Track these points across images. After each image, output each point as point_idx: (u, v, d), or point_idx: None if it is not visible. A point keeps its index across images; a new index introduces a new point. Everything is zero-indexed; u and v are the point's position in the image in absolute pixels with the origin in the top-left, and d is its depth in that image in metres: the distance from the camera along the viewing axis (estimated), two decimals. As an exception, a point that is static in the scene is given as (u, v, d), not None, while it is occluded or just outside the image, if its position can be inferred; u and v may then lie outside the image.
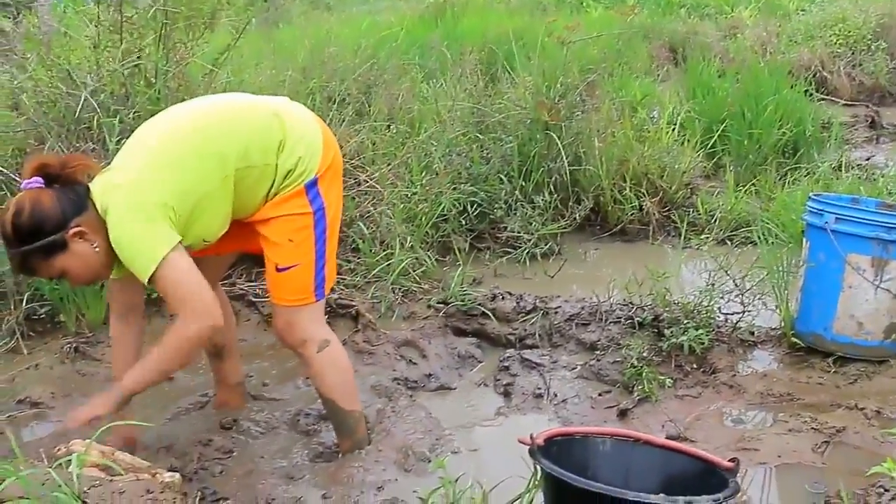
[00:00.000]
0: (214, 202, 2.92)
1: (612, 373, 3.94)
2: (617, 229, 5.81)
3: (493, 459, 3.33)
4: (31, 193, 2.74)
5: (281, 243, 3.04)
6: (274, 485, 3.19)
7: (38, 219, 2.73)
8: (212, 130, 2.94)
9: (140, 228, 2.79)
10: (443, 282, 4.80)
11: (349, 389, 3.33)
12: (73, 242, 2.78)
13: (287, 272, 3.05)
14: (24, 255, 2.78)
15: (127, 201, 2.80)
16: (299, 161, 2.98)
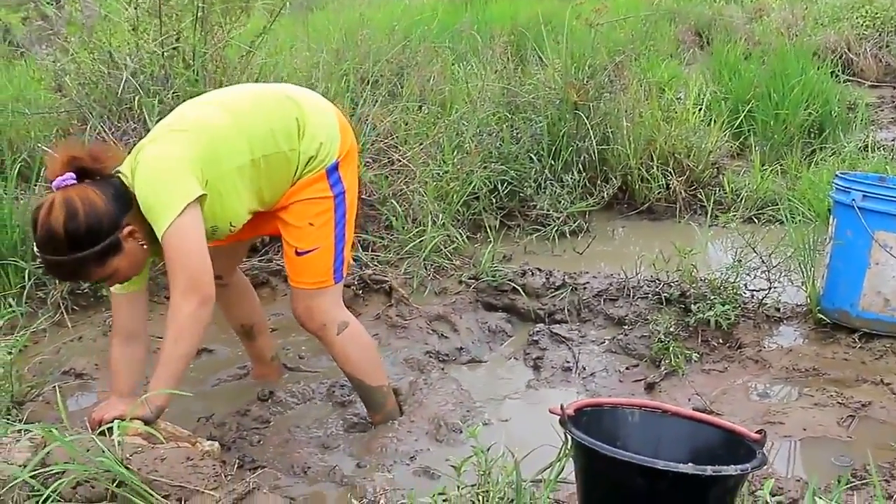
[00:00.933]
0: (243, 183, 2.90)
1: (640, 347, 4.00)
2: (644, 208, 5.87)
3: (523, 430, 3.40)
4: (78, 192, 2.60)
5: (301, 227, 3.05)
6: (309, 453, 3.27)
7: (95, 221, 2.60)
8: (242, 112, 2.95)
9: (165, 177, 2.72)
10: (474, 258, 4.87)
11: (374, 366, 3.37)
12: (126, 242, 2.70)
13: (307, 255, 3.06)
14: (80, 262, 2.63)
15: (154, 155, 2.76)
16: (321, 147, 3.00)
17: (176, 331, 2.74)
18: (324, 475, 3.14)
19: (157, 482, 2.30)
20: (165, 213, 2.67)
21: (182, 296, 2.73)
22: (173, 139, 2.81)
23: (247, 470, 3.10)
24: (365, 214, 5.02)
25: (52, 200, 2.57)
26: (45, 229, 2.56)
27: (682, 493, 1.92)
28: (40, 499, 2.25)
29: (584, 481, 2.12)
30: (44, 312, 4.03)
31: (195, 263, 2.74)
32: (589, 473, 2.10)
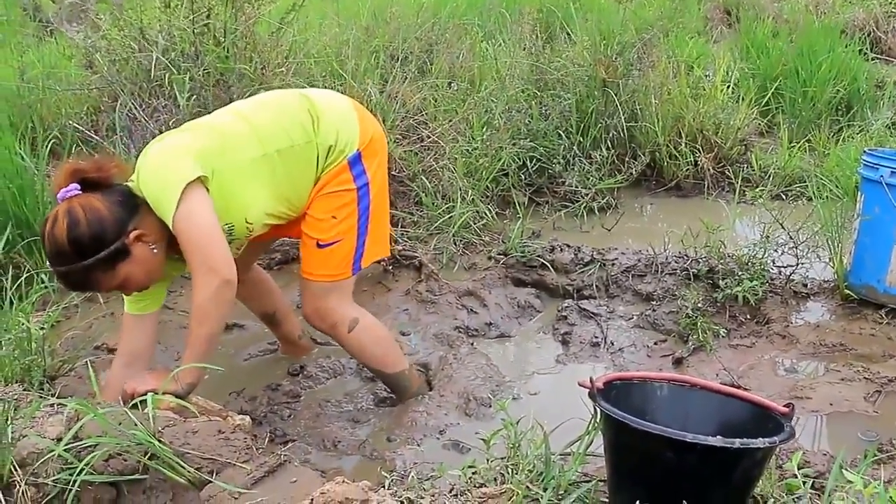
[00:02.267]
0: (259, 180, 2.90)
1: (668, 322, 4.01)
2: (672, 185, 5.87)
3: (551, 404, 3.40)
4: (80, 201, 2.62)
5: (324, 219, 3.03)
6: (340, 427, 3.30)
7: (97, 227, 2.61)
8: (249, 112, 2.98)
9: (164, 167, 2.74)
10: (503, 234, 4.88)
11: (391, 354, 3.38)
12: (134, 247, 2.70)
13: (328, 248, 3.05)
14: (86, 270, 2.63)
15: (156, 150, 2.80)
16: (338, 134, 2.99)
17: (199, 313, 2.76)
18: (354, 449, 3.17)
19: (189, 455, 2.33)
20: (169, 201, 2.67)
21: (202, 278, 2.74)
22: (176, 135, 2.87)
23: (277, 444, 3.13)
24: (395, 191, 5.04)
25: (56, 212, 2.61)
26: (51, 240, 2.60)
27: (711, 466, 1.93)
28: (73, 471, 2.29)
29: (613, 454, 2.13)
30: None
31: (207, 244, 2.74)
32: (618, 446, 2.11)
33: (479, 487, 2.20)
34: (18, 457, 2.40)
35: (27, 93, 5.26)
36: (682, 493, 1.92)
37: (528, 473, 2.19)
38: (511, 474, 2.21)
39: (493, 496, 2.14)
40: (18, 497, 2.38)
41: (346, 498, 2.06)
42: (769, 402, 2.16)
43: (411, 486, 2.23)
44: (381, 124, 4.83)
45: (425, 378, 3.67)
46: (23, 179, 4.19)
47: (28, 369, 3.06)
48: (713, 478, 1.95)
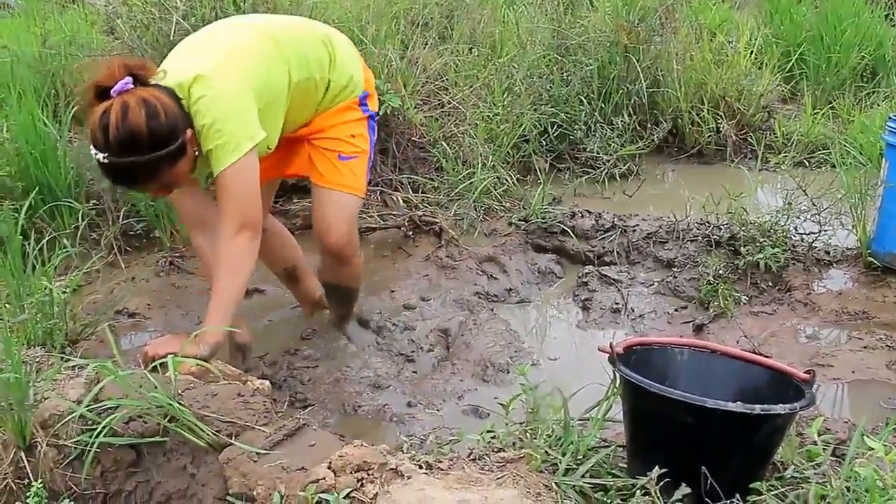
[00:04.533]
0: (279, 107, 2.94)
1: (689, 289, 4.00)
2: (694, 151, 5.83)
3: (571, 370, 3.41)
4: (150, 93, 2.57)
5: (343, 139, 3.17)
6: (359, 392, 3.32)
7: (173, 120, 2.60)
8: (281, 38, 2.97)
9: (236, 116, 2.74)
10: (523, 200, 4.86)
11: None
12: (188, 147, 2.69)
13: (350, 161, 3.17)
14: (157, 162, 2.60)
15: (225, 89, 2.74)
16: (350, 80, 3.15)
17: (230, 265, 2.79)
18: (374, 414, 3.20)
19: (209, 418, 2.33)
20: (233, 152, 2.71)
21: (236, 231, 2.77)
22: (235, 71, 2.80)
23: (297, 408, 3.16)
24: (415, 157, 5.04)
25: (126, 102, 2.52)
26: (126, 129, 2.51)
27: (731, 432, 1.92)
28: (94, 432, 2.30)
29: (632, 420, 2.13)
30: (97, 253, 4.07)
31: (252, 203, 2.80)
32: (637, 412, 2.10)
33: (497, 452, 2.20)
34: (40, 418, 2.43)
35: (49, 59, 5.24)
36: (702, 459, 1.90)
37: (547, 438, 2.19)
38: (530, 439, 2.20)
39: (511, 460, 2.14)
40: (40, 458, 2.40)
41: (364, 461, 2.06)
42: (790, 368, 2.14)
43: (430, 451, 2.23)
44: (403, 89, 4.85)
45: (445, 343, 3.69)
46: (45, 145, 4.20)
47: (50, 333, 3.07)
48: (733, 444, 1.94)
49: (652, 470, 1.93)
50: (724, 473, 1.92)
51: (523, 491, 1.98)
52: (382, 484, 2.01)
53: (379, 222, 4.61)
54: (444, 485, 2.01)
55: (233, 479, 2.18)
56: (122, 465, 2.39)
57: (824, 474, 2.03)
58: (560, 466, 2.08)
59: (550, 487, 2.03)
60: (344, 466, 2.05)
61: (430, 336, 3.75)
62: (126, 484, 2.41)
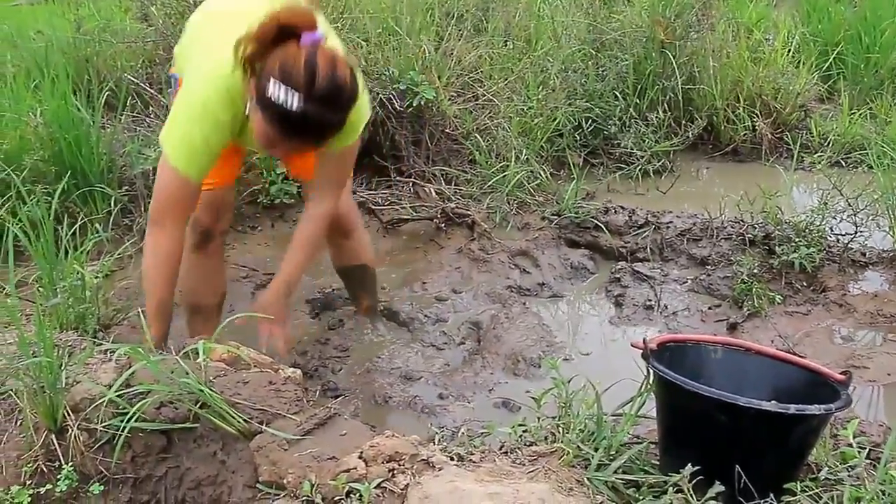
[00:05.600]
0: None
1: (723, 287, 3.96)
2: (729, 149, 5.74)
3: (604, 366, 3.40)
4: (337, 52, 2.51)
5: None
6: (390, 383, 3.33)
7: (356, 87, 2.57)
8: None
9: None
10: (557, 195, 4.82)
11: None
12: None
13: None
14: (342, 123, 2.55)
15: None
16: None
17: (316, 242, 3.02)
18: (404, 405, 3.21)
19: (240, 405, 2.33)
20: (357, 131, 2.81)
21: (329, 209, 2.95)
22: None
23: (328, 397, 3.16)
24: (449, 149, 5.04)
25: (334, 55, 2.44)
26: (334, 83, 2.42)
27: (765, 432, 1.90)
28: (125, 417, 2.30)
29: (665, 417, 2.11)
30: (129, 238, 4.10)
31: (347, 180, 3.06)
32: (670, 408, 2.09)
33: (529, 446, 2.18)
34: (71, 402, 2.44)
35: (83, 45, 5.27)
36: (735, 458, 1.88)
37: (580, 433, 2.17)
38: (562, 433, 2.19)
39: (543, 454, 2.12)
40: (71, 441, 2.41)
41: (396, 452, 2.06)
42: (825, 368, 2.11)
43: (461, 443, 2.22)
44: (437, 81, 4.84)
45: (476, 336, 3.67)
46: (78, 130, 4.21)
47: (82, 317, 3.08)
48: (767, 443, 1.92)
49: (684, 467, 1.91)
50: (757, 473, 1.90)
51: (555, 485, 1.97)
52: (414, 475, 2.01)
53: (411, 214, 4.60)
54: (476, 477, 2.00)
55: (263, 467, 2.18)
56: (152, 450, 2.39)
57: (858, 477, 2.00)
58: (592, 462, 2.06)
59: (582, 483, 2.01)
60: (375, 456, 2.05)
61: (461, 328, 3.76)
62: (156, 469, 2.41)
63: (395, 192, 4.85)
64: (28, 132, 4.24)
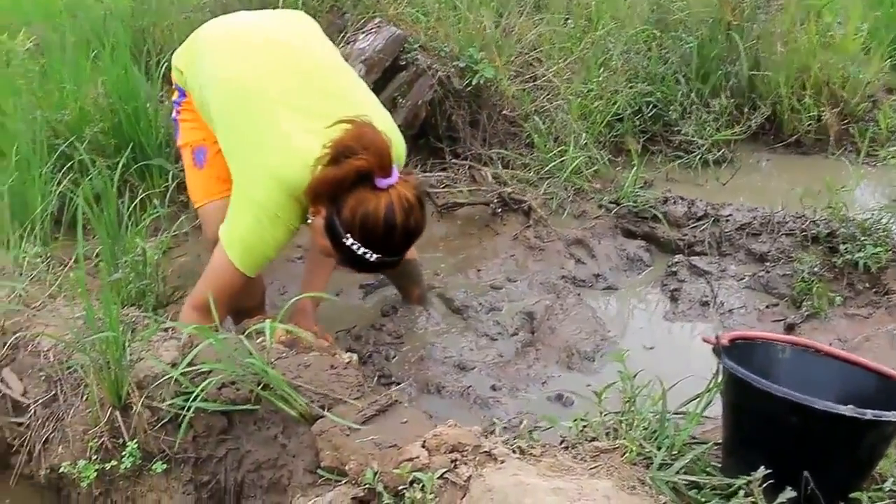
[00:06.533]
0: None
1: (781, 286, 3.87)
2: (792, 140, 5.57)
3: (659, 362, 3.34)
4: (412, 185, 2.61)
5: None
6: (444, 372, 3.34)
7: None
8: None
9: None
10: (615, 182, 4.77)
11: None
12: None
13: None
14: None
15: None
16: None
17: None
18: (457, 396, 3.21)
19: (301, 388, 2.34)
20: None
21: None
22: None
23: (383, 384, 3.18)
24: (506, 131, 5.00)
25: (409, 200, 2.51)
26: (408, 233, 2.55)
27: (836, 436, 1.86)
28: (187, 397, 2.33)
29: (732, 416, 2.07)
30: (185, 214, 4.10)
31: None
32: (738, 408, 2.05)
33: (590, 441, 2.17)
34: (135, 378, 2.46)
35: (142, 15, 5.28)
36: (803, 463, 1.85)
37: (644, 431, 2.15)
38: (625, 430, 2.17)
39: (605, 451, 2.11)
40: (135, 418, 2.44)
41: (459, 442, 2.05)
42: None
43: (522, 435, 2.20)
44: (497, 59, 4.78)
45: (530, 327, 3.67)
46: (137, 102, 4.22)
47: (143, 293, 3.12)
48: (837, 449, 1.88)
49: (748, 469, 1.89)
50: (824, 478, 1.87)
51: (618, 483, 1.95)
52: (476, 466, 2.00)
53: (467, 197, 4.56)
54: (538, 471, 1.99)
55: (325, 452, 2.19)
56: (213, 431, 2.43)
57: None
58: (655, 461, 2.05)
59: (644, 482, 2.00)
60: (438, 446, 2.05)
61: (514, 319, 3.74)
62: (217, 450, 2.46)
63: (450, 174, 4.79)
64: (88, 103, 4.25)
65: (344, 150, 2.44)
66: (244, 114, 2.70)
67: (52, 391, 2.58)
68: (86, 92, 4.29)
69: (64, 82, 4.33)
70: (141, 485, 2.50)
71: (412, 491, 1.96)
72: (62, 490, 2.55)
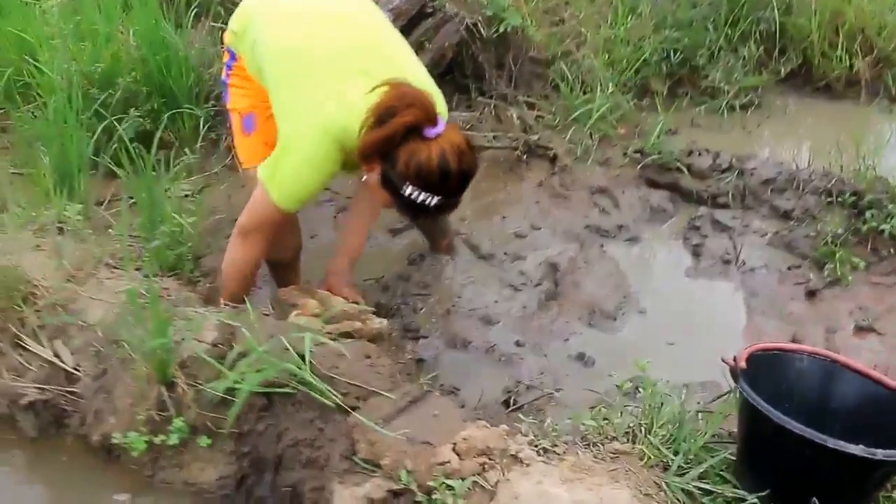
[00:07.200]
0: None
1: (804, 246, 3.90)
2: (822, 85, 5.54)
3: (679, 322, 3.47)
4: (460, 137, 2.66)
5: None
6: (470, 327, 3.42)
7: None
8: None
9: None
10: (639, 127, 4.78)
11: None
12: None
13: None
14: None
15: None
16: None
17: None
18: (482, 353, 3.30)
19: (336, 380, 2.45)
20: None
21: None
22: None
23: (410, 339, 3.29)
24: (532, 72, 5.00)
25: (459, 145, 2.58)
26: (463, 175, 2.60)
27: (847, 469, 1.96)
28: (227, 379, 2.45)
29: (748, 432, 2.18)
30: (215, 154, 4.22)
31: None
32: (753, 430, 2.15)
33: (610, 441, 2.29)
34: (179, 358, 2.58)
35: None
36: (811, 489, 1.96)
37: (661, 435, 2.26)
38: (643, 434, 2.28)
39: (624, 452, 2.23)
40: (180, 395, 2.57)
41: (487, 446, 2.18)
42: None
43: (546, 434, 2.32)
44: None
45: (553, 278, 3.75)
46: (168, 51, 4.25)
47: (179, 259, 3.23)
48: (847, 480, 2.00)
49: (758, 481, 2.04)
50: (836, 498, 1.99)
51: (635, 490, 2.08)
52: (503, 471, 2.13)
53: (492, 142, 4.57)
54: (560, 475, 2.12)
55: (360, 445, 2.30)
56: (253, 408, 2.53)
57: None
58: (672, 466, 2.17)
59: (660, 486, 2.12)
60: (468, 450, 2.18)
61: (539, 268, 3.82)
62: (257, 425, 2.55)
63: (475, 114, 4.81)
64: (121, 52, 4.29)
65: (387, 111, 2.52)
66: (297, 72, 2.78)
67: (102, 366, 2.70)
68: (118, 43, 4.34)
69: (97, 31, 4.36)
70: (187, 453, 2.61)
71: (443, 493, 2.09)
72: (113, 451, 2.66)
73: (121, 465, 2.68)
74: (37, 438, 2.77)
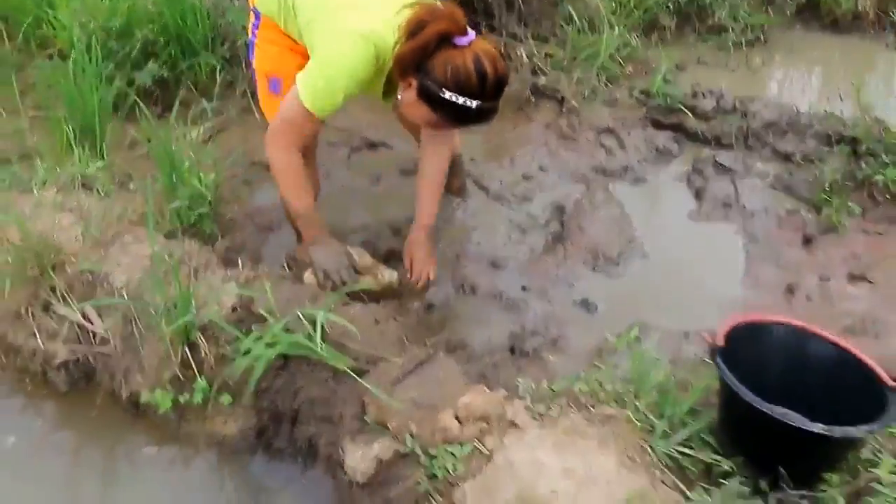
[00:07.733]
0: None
1: (803, 190, 4.00)
2: (828, 21, 5.55)
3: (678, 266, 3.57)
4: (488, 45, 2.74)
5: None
6: (478, 271, 3.52)
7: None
8: None
9: None
10: (646, 65, 4.84)
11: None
12: None
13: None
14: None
15: None
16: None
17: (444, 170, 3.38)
18: (489, 298, 3.40)
19: (347, 347, 2.62)
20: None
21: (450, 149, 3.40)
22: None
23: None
24: (539, 10, 5.02)
25: (492, 52, 2.66)
26: (499, 80, 2.67)
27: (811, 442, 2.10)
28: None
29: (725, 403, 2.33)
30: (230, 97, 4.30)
31: None
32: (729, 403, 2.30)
33: (602, 404, 2.46)
34: (200, 322, 2.76)
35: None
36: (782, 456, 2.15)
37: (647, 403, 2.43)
38: (632, 400, 2.45)
39: (613, 416, 2.40)
40: (202, 356, 2.76)
41: (486, 412, 2.35)
42: (880, 370, 2.24)
43: (542, 397, 2.49)
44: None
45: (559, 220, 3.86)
46: (184, 5, 4.33)
47: (200, 219, 3.37)
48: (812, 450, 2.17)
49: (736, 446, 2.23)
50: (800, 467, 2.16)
51: (621, 455, 2.25)
52: (500, 437, 2.31)
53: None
54: (554, 440, 2.29)
55: (370, 408, 2.48)
56: (271, 367, 2.70)
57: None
58: (656, 430, 2.34)
59: (646, 450, 2.30)
60: (468, 416, 2.35)
61: (546, 210, 3.92)
62: (274, 382, 2.72)
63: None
64: (138, 5, 4.35)
65: (418, 24, 2.64)
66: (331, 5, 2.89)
67: (129, 328, 2.86)
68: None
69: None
70: (210, 409, 2.79)
71: (444, 457, 2.28)
72: (140, 407, 2.84)
73: (148, 419, 2.86)
74: (68, 392, 2.95)
